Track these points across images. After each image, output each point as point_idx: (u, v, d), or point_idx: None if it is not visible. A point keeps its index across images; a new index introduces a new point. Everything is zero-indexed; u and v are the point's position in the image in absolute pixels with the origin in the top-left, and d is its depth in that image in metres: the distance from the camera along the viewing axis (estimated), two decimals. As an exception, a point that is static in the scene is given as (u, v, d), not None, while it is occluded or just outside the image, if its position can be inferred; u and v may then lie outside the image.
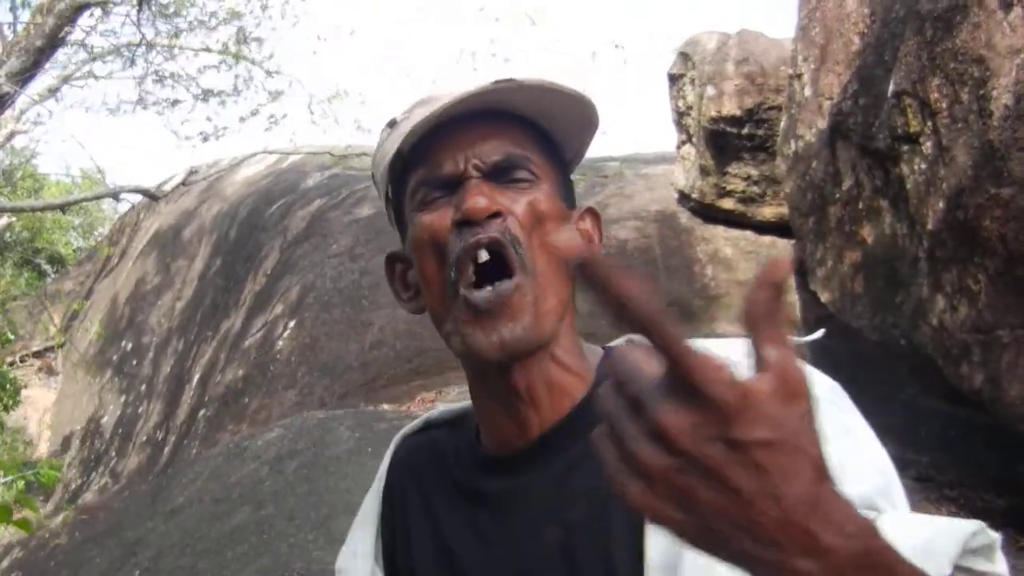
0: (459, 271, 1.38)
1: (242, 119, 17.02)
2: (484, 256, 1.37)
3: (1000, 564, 1.11)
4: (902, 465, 1.36)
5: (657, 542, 1.25)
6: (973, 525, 1.09)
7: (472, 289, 1.37)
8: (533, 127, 1.48)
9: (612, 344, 1.52)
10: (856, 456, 1.23)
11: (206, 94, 16.63)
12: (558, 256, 1.41)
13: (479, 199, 1.36)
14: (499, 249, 1.37)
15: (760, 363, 0.88)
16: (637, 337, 1.18)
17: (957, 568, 1.08)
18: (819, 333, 1.51)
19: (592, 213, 1.60)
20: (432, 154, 1.43)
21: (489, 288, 1.36)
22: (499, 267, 1.38)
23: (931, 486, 7.36)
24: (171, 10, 16.30)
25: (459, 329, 1.39)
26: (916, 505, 1.26)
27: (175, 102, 16.72)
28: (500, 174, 1.42)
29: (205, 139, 17.03)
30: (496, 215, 1.37)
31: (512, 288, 1.36)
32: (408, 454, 1.70)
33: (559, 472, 1.40)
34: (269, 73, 16.48)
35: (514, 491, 1.44)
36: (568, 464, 1.39)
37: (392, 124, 1.50)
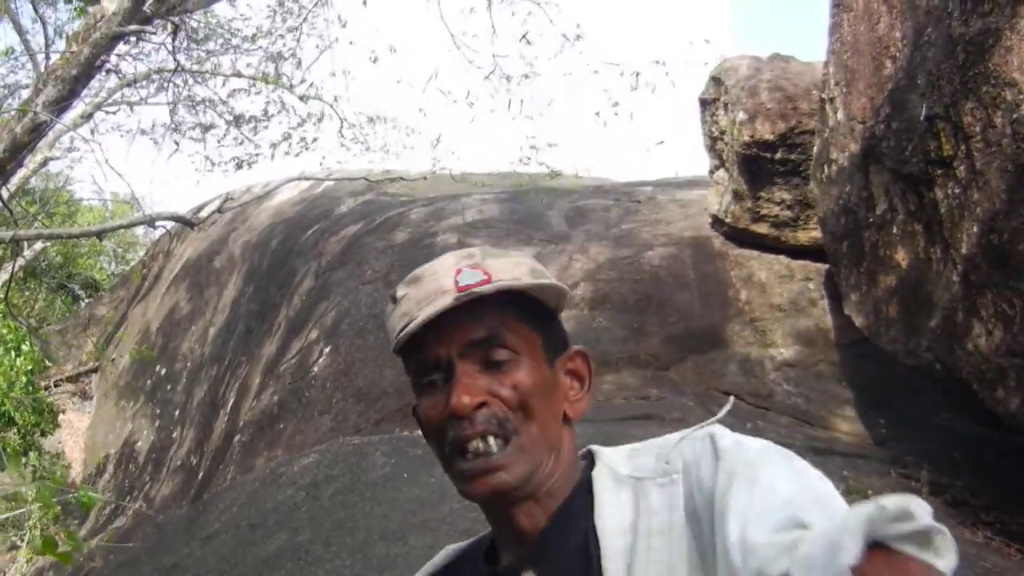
0: (453, 453, 1.64)
1: (273, 144, 17.07)
2: (476, 445, 1.62)
3: (940, 557, 1.17)
4: (938, 490, 1.39)
5: None
6: (879, 509, 1.16)
7: (464, 462, 1.64)
8: (521, 298, 1.69)
9: (589, 449, 1.81)
10: (758, 503, 1.42)
11: (238, 120, 16.69)
12: (551, 417, 1.69)
13: (464, 398, 1.60)
14: (489, 434, 1.63)
15: None
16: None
17: (882, 546, 1.16)
18: (727, 407, 1.82)
19: (581, 354, 1.80)
20: (421, 343, 1.66)
21: (478, 446, 1.62)
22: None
23: (967, 510, 7.32)
24: (201, 35, 16.40)
25: (459, 483, 1.66)
26: (952, 530, 1.28)
27: (208, 127, 16.79)
28: (479, 352, 1.65)
29: (239, 166, 17.06)
30: (481, 405, 1.62)
31: (495, 456, 1.62)
32: None
33: None
34: (302, 99, 16.54)
35: None
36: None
37: (394, 300, 1.74)
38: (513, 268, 1.70)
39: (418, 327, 1.62)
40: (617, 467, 1.70)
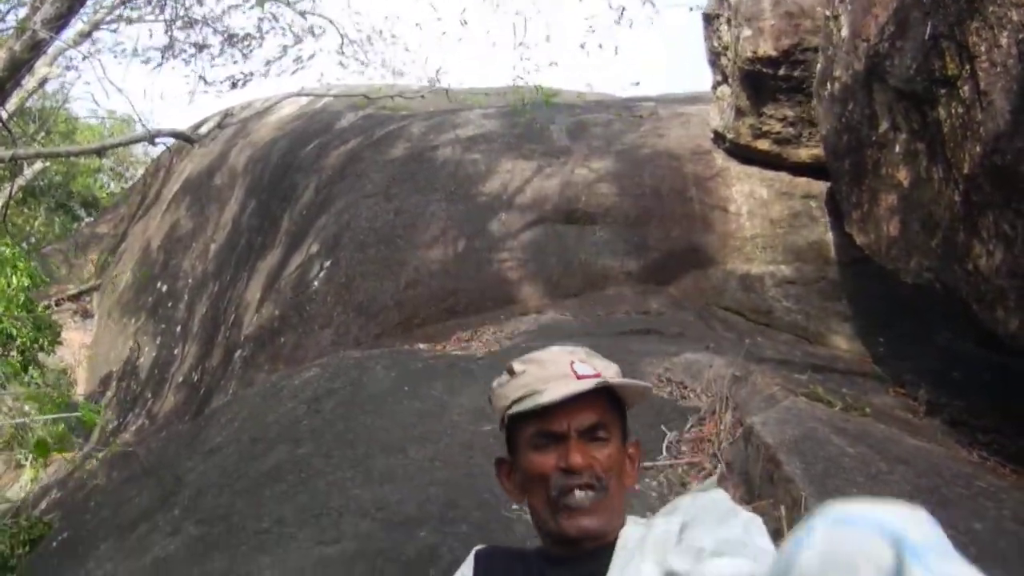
0: (561, 494, 2.20)
1: (268, 62, 16.89)
2: (580, 494, 2.18)
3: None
4: (935, 409, 1.40)
5: None
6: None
7: (572, 496, 2.19)
8: (610, 393, 2.27)
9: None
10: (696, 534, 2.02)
11: (232, 39, 16.50)
12: (622, 485, 2.29)
13: (578, 457, 2.18)
14: (590, 487, 2.20)
15: None
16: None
17: None
18: (715, 477, 2.56)
19: (637, 443, 2.42)
20: (546, 415, 2.21)
21: (583, 494, 2.19)
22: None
23: (964, 430, 7.36)
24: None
25: (557, 519, 2.21)
26: (949, 449, 1.29)
27: (203, 47, 16.59)
28: (589, 432, 2.21)
29: (233, 85, 16.91)
30: (588, 466, 2.19)
31: (596, 497, 2.19)
32: (488, 555, 2.47)
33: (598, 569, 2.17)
34: (301, 14, 16.38)
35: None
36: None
37: (511, 372, 2.32)
38: (607, 367, 2.31)
39: (552, 401, 2.18)
40: (639, 519, 2.28)
